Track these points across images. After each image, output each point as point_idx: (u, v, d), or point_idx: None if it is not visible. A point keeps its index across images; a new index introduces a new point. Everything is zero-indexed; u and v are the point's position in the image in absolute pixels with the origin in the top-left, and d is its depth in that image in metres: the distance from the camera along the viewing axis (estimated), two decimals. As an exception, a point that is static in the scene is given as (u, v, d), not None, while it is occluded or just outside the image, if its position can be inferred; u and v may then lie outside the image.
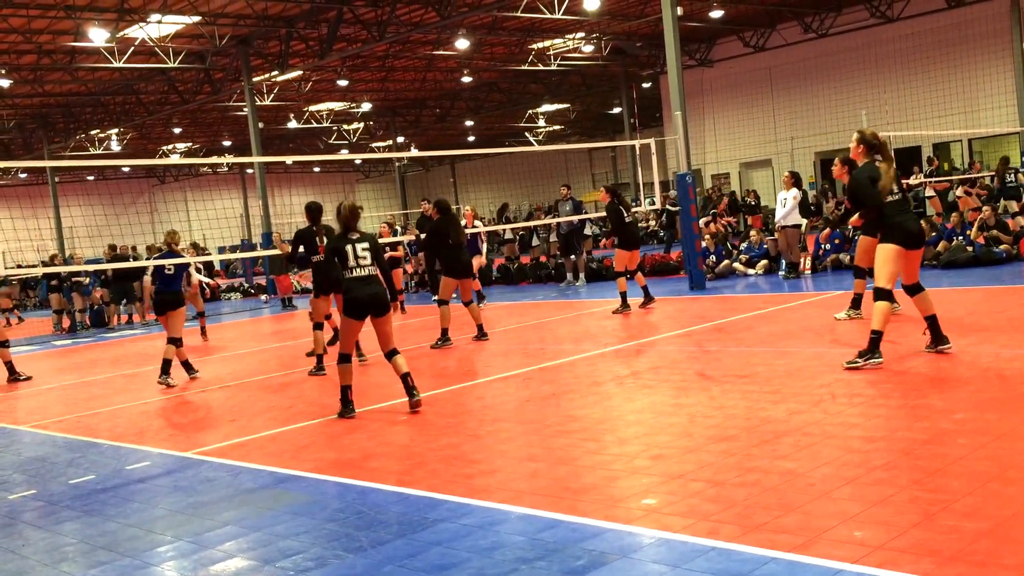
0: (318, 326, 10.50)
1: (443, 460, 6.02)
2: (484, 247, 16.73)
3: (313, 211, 10.33)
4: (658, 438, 5.96)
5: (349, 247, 7.61)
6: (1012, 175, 21.03)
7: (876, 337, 7.25)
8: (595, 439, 6.14)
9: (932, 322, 7.69)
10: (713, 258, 17.47)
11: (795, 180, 15.66)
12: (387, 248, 16.25)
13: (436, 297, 11.65)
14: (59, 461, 7.43)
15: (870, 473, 4.79)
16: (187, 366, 11.16)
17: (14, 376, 12.73)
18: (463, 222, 14.78)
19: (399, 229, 23.72)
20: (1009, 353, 7.53)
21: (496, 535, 4.50)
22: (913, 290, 7.72)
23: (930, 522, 4.02)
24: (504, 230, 25.85)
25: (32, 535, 5.46)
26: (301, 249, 10.37)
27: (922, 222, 9.90)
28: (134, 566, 4.67)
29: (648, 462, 5.43)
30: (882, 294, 7.30)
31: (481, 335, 11.75)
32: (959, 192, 21.56)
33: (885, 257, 7.43)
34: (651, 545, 4.16)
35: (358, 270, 7.59)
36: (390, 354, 7.66)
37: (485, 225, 20.83)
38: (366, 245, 7.68)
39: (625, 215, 13.37)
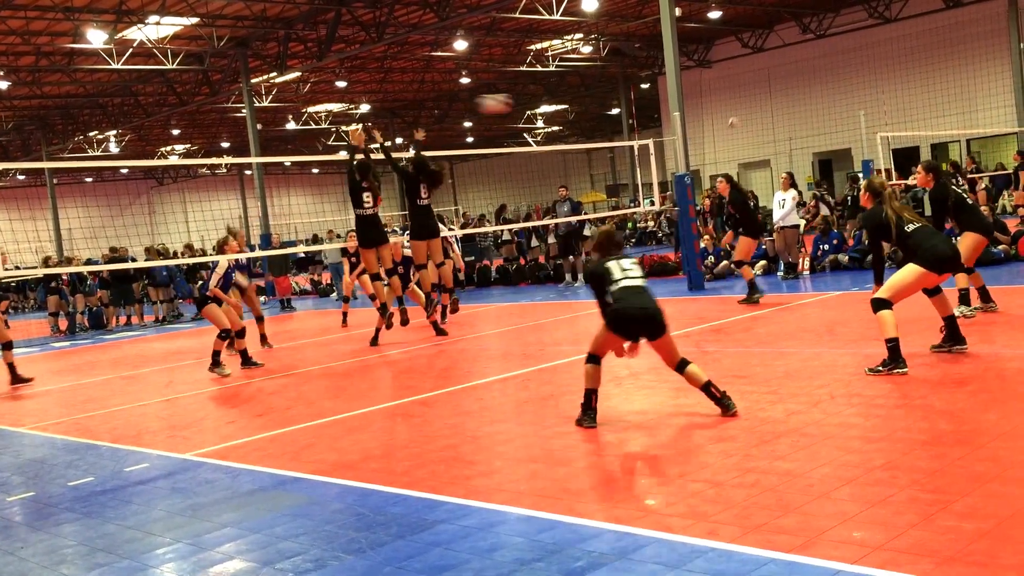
0: (375, 277, 11.20)
1: (442, 461, 6.02)
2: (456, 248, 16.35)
3: (363, 168, 11.06)
4: (657, 439, 5.96)
5: (612, 263, 6.63)
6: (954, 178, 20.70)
7: (893, 345, 7.07)
8: (594, 440, 6.14)
9: (950, 322, 7.69)
10: (711, 259, 17.48)
11: (792, 181, 15.72)
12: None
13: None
14: (58, 463, 7.42)
15: (869, 473, 4.79)
16: (244, 357, 11.54)
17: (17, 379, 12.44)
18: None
19: (396, 230, 23.68)
20: (1008, 353, 7.54)
21: (495, 536, 4.50)
22: (933, 292, 7.69)
23: (929, 523, 4.02)
24: (502, 231, 25.84)
25: (31, 537, 5.45)
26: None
27: None
28: (133, 568, 4.67)
29: (647, 463, 5.43)
30: (881, 304, 7.19)
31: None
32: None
33: (906, 277, 7.25)
34: (650, 546, 4.16)
35: (626, 281, 6.51)
36: (680, 366, 6.54)
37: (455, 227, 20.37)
38: (633, 260, 6.76)
39: (750, 202, 13.15)
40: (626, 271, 6.56)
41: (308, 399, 9.06)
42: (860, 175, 25.34)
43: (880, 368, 7.11)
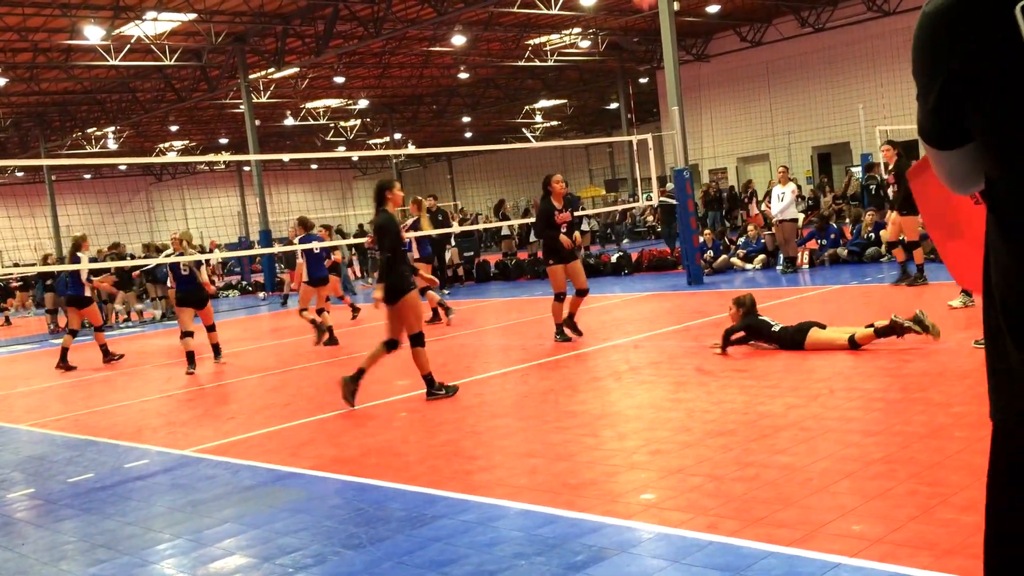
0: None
1: (442, 456, 6.02)
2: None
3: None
4: (657, 433, 5.97)
5: (764, 317, 8.76)
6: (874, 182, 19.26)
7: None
8: (594, 434, 6.14)
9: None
10: (710, 253, 17.48)
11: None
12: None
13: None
14: (58, 459, 7.43)
15: (868, 467, 4.79)
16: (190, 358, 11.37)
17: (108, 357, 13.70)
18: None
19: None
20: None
21: (495, 531, 4.50)
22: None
23: (928, 515, 4.02)
24: (501, 226, 25.85)
25: (31, 534, 5.46)
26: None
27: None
28: (133, 564, 4.67)
29: (647, 457, 5.44)
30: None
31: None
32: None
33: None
34: (650, 540, 4.16)
35: (776, 326, 8.51)
36: (851, 344, 7.89)
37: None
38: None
39: None
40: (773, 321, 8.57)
41: (307, 394, 9.06)
42: (855, 168, 25.34)
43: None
